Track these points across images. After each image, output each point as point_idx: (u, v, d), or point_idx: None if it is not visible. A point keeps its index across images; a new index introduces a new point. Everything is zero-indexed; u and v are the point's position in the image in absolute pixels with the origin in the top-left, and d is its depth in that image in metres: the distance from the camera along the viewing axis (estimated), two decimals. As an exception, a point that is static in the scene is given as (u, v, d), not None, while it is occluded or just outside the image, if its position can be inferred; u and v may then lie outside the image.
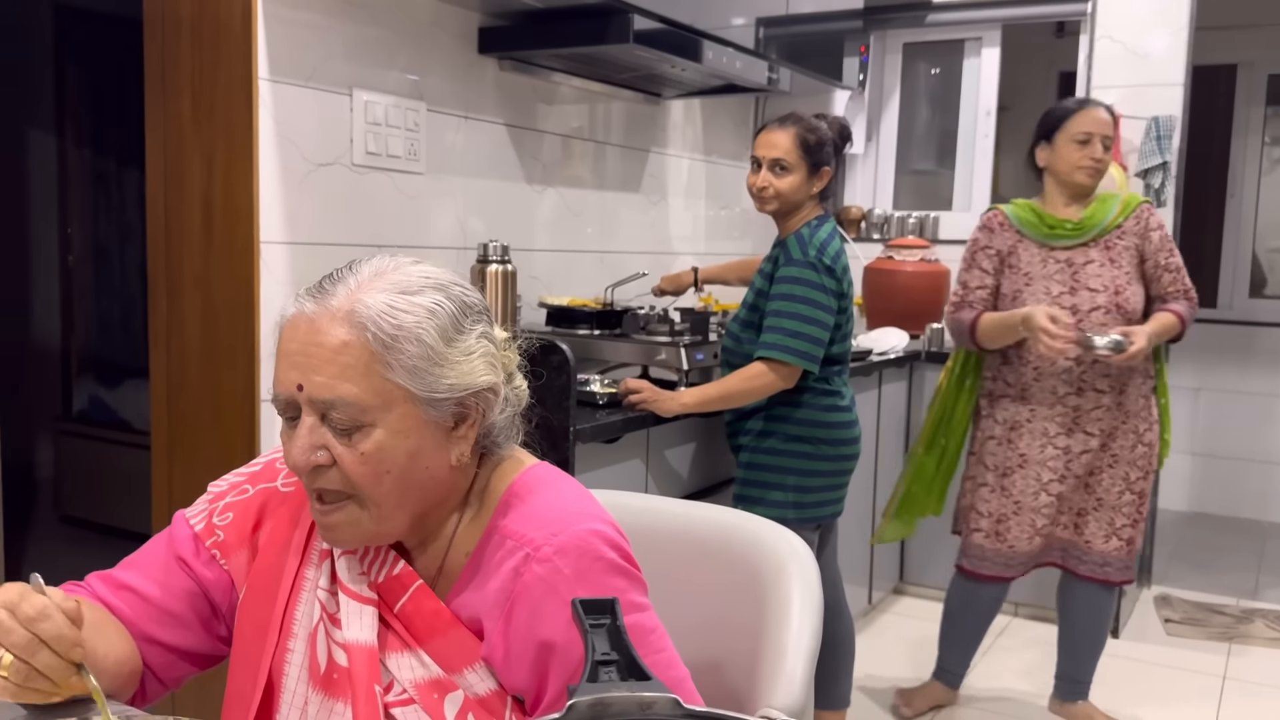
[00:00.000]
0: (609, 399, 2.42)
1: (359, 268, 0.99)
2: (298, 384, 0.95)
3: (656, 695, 0.55)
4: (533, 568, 0.98)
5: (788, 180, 2.46)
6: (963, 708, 3.07)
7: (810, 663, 1.16)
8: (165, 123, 2.31)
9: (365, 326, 0.94)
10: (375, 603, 1.03)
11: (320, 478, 0.97)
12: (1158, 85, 3.79)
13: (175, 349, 2.34)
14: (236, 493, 1.14)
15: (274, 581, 1.07)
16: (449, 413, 0.99)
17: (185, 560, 1.10)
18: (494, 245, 2.62)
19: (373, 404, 0.95)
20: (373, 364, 0.94)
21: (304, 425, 0.96)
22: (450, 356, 0.98)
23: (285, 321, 0.98)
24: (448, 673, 1.00)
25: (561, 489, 1.06)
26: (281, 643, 1.05)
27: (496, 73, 2.89)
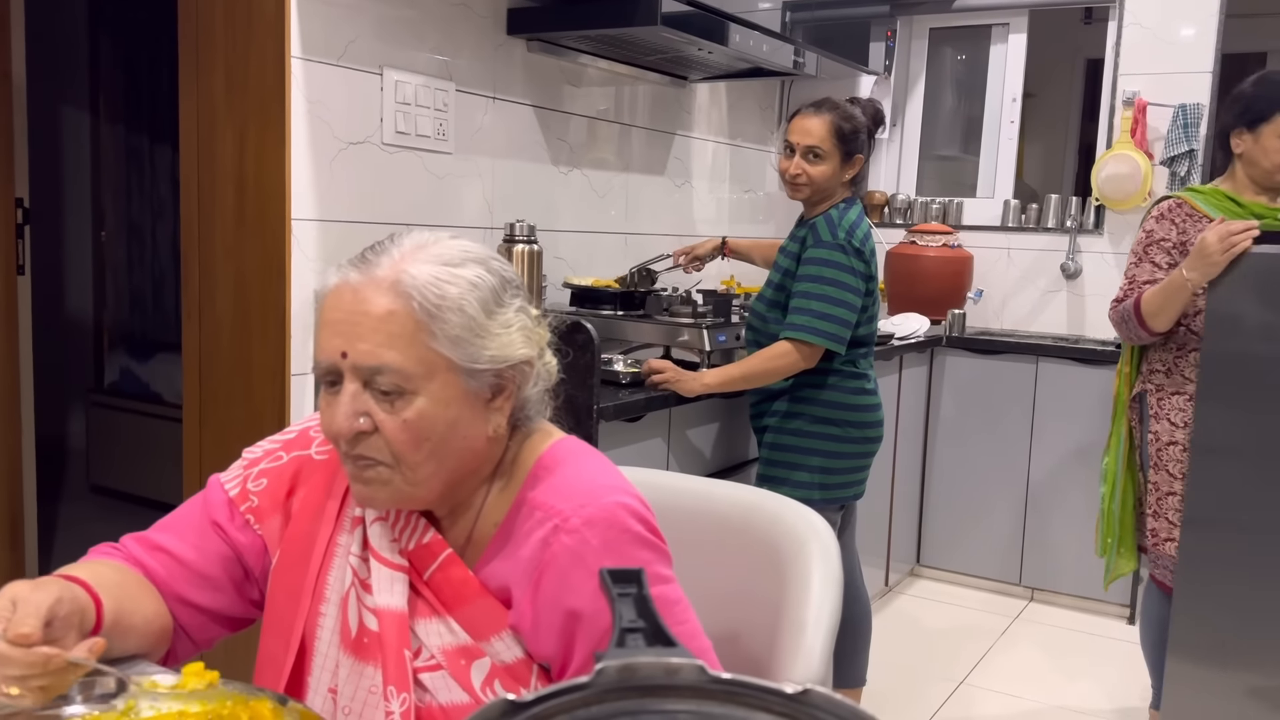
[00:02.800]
0: (632, 378, 2.44)
1: (400, 240, 1.01)
2: (342, 351, 0.97)
3: (683, 661, 0.57)
4: (561, 538, 0.99)
5: (821, 168, 2.46)
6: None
7: (829, 640, 1.18)
8: (198, 99, 2.35)
9: (411, 296, 0.96)
10: (406, 570, 1.05)
11: (360, 444, 0.98)
12: (1186, 73, 3.77)
13: (207, 322, 2.38)
14: (271, 459, 1.16)
15: (307, 547, 1.10)
16: (487, 384, 1.01)
17: (220, 524, 1.13)
18: (520, 225, 2.65)
19: (416, 372, 0.96)
20: (418, 333, 0.96)
21: (346, 392, 0.97)
22: (491, 328, 0.99)
23: (328, 291, 1.00)
24: (475, 640, 1.02)
25: (589, 462, 1.08)
26: (314, 607, 1.07)
27: (525, 54, 2.90)
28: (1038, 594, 3.83)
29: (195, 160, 2.37)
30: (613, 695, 0.57)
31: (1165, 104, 3.77)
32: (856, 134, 2.47)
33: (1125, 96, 3.84)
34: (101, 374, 4.87)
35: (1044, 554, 3.78)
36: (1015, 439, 3.78)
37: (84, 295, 5.28)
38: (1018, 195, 4.25)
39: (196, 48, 2.34)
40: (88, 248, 5.23)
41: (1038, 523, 3.78)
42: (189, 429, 2.44)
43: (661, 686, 0.58)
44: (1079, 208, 4.03)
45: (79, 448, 4.97)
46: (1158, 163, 3.81)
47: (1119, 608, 3.66)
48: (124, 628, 1.02)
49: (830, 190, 2.50)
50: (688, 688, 0.58)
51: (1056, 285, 4.09)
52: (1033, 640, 3.48)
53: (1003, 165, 4.29)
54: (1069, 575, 3.75)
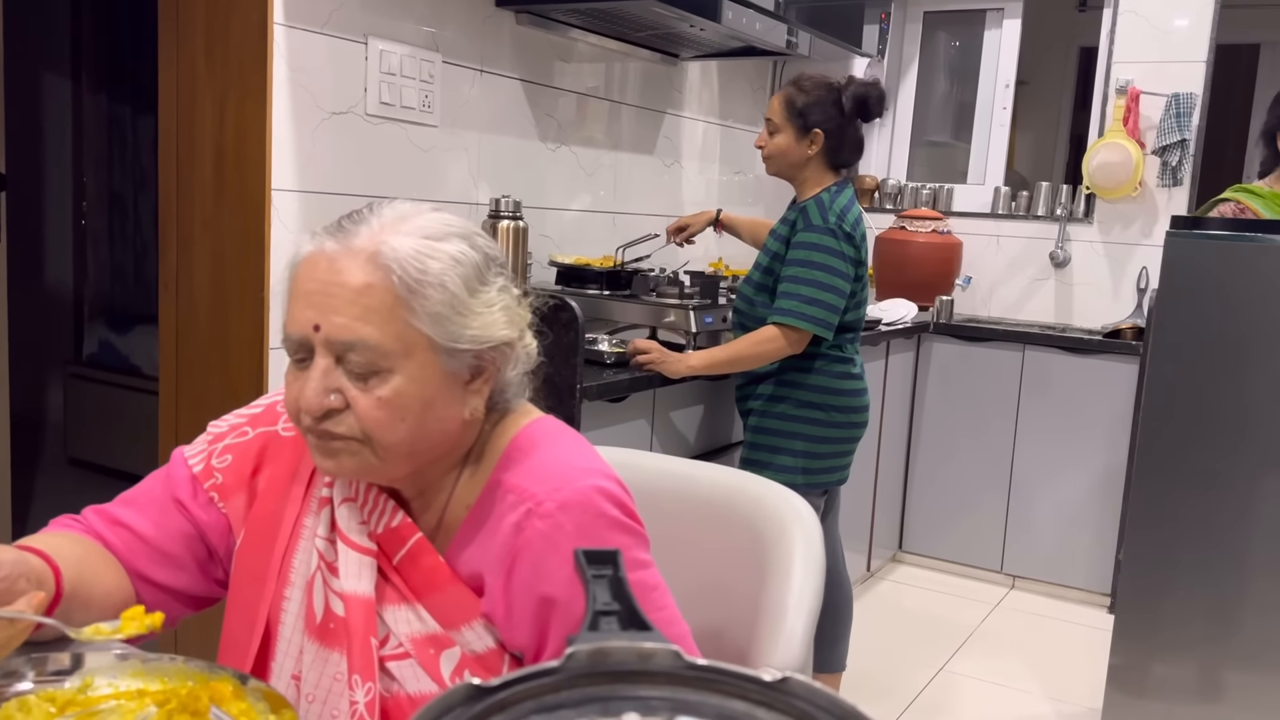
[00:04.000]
0: (616, 358, 2.42)
1: (380, 209, 0.96)
2: (314, 324, 0.92)
3: (657, 646, 0.55)
4: (535, 523, 0.96)
5: (777, 141, 2.48)
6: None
7: (810, 624, 1.16)
8: (178, 66, 2.30)
9: (391, 269, 0.91)
10: (374, 554, 1.01)
11: (330, 421, 0.94)
12: (1180, 62, 3.75)
13: (184, 294, 2.34)
14: (236, 434, 1.12)
15: (272, 528, 1.06)
16: (466, 365, 0.97)
17: (182, 502, 1.09)
18: (506, 201, 2.61)
19: (393, 349, 0.92)
20: (396, 308, 0.92)
21: (317, 367, 0.93)
22: (473, 307, 0.95)
23: (301, 259, 0.95)
24: (445, 629, 0.99)
25: (565, 444, 1.04)
26: (278, 590, 1.04)
27: (513, 27, 2.86)
28: (1019, 581, 3.83)
29: (174, 129, 2.32)
30: (583, 680, 0.55)
31: (1159, 93, 3.76)
32: (811, 107, 2.44)
33: (1118, 85, 3.82)
34: (80, 346, 4.82)
35: (1026, 541, 3.78)
36: (1000, 426, 3.78)
37: (64, 266, 5.22)
38: (1008, 183, 4.23)
39: (177, 13, 2.29)
40: (68, 218, 5.16)
41: (1020, 510, 3.78)
42: (165, 402, 2.40)
43: (634, 672, 0.56)
44: (1069, 196, 4.02)
45: (56, 420, 4.92)
46: (1149, 152, 3.80)
47: (1099, 596, 3.67)
48: (83, 599, 0.99)
49: (794, 164, 2.49)
50: (662, 673, 0.56)
51: (1045, 273, 4.08)
52: (1013, 627, 3.48)
53: (994, 152, 4.27)
54: (1050, 563, 3.75)
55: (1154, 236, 3.86)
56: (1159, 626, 2.41)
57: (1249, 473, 2.30)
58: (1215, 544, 2.34)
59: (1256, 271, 2.27)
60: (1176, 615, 2.39)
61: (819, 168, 2.49)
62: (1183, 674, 2.39)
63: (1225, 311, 2.30)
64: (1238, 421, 2.30)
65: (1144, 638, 2.43)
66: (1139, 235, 3.90)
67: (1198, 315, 2.32)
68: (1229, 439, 2.31)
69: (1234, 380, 2.30)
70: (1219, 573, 2.34)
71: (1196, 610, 2.37)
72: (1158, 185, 3.82)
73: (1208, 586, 2.35)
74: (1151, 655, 2.42)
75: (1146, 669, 2.43)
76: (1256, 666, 2.32)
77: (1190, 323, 2.33)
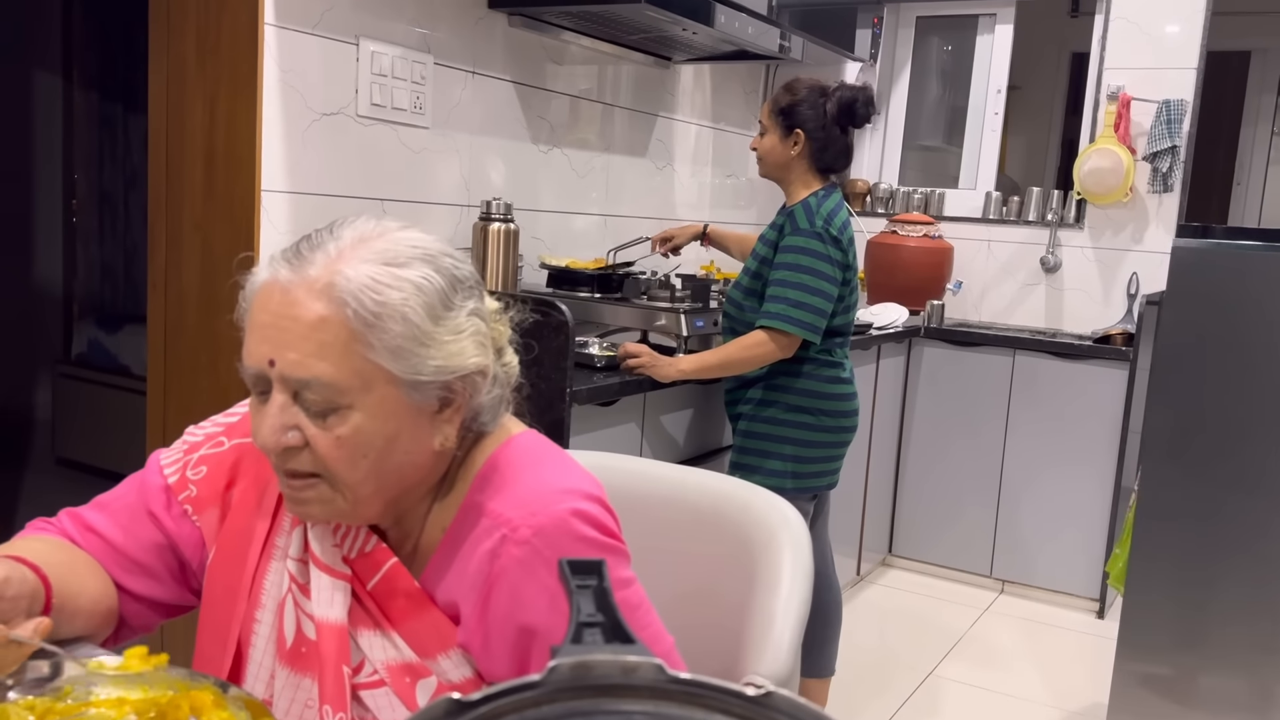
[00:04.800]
0: (607, 362, 2.41)
1: (340, 231, 0.91)
2: (269, 359, 0.88)
3: (641, 660, 0.54)
4: (510, 550, 0.92)
5: (764, 141, 2.51)
6: (945, 682, 3.09)
7: (798, 631, 1.16)
8: (169, 64, 2.29)
9: (345, 302, 0.86)
10: (348, 578, 0.97)
11: (291, 459, 0.90)
12: (1171, 69, 3.76)
13: (173, 295, 2.33)
14: (212, 444, 1.09)
15: (244, 545, 1.03)
16: (433, 396, 0.92)
17: (155, 514, 1.07)
18: (497, 203, 2.60)
19: (350, 385, 0.87)
20: (352, 343, 0.86)
21: (274, 404, 0.88)
22: (438, 336, 0.90)
23: (257, 289, 0.90)
24: (421, 657, 0.96)
25: (543, 463, 1.00)
26: (249, 611, 1.01)
27: (506, 29, 2.85)
28: (1009, 586, 3.84)
29: (164, 128, 2.31)
30: (566, 695, 0.54)
31: (1150, 99, 3.77)
32: (795, 108, 2.45)
33: (1110, 91, 3.83)
34: (69, 344, 4.79)
35: (1016, 546, 3.79)
36: (990, 431, 3.78)
37: (53, 264, 5.19)
38: (1000, 188, 4.24)
39: (168, 11, 2.28)
40: (58, 216, 5.13)
41: (1010, 515, 3.78)
42: (153, 403, 2.39)
43: (617, 686, 0.55)
44: (1060, 201, 4.02)
45: (45, 419, 4.90)
46: (1140, 158, 3.81)
47: (1089, 601, 3.68)
48: (71, 610, 0.97)
49: (779, 164, 2.50)
50: (645, 687, 0.55)
51: (1036, 278, 4.08)
52: (1003, 632, 3.49)
53: (985, 157, 4.28)
54: (1040, 568, 3.76)
55: (1145, 242, 3.88)
56: (1165, 632, 2.40)
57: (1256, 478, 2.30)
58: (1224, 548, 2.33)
59: (1264, 278, 2.28)
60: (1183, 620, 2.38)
61: (805, 171, 2.49)
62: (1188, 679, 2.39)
63: (1232, 317, 2.31)
64: (1243, 428, 2.30)
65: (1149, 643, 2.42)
66: (1129, 241, 3.91)
67: (1205, 321, 2.33)
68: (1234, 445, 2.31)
69: (1241, 385, 2.30)
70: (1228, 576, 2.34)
71: (1204, 615, 2.36)
72: (1148, 191, 3.83)
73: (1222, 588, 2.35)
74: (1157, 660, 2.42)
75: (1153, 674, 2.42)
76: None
77: (1197, 328, 2.33)
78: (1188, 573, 2.38)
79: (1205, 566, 2.36)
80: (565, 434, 2.11)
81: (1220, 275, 2.33)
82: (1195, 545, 2.37)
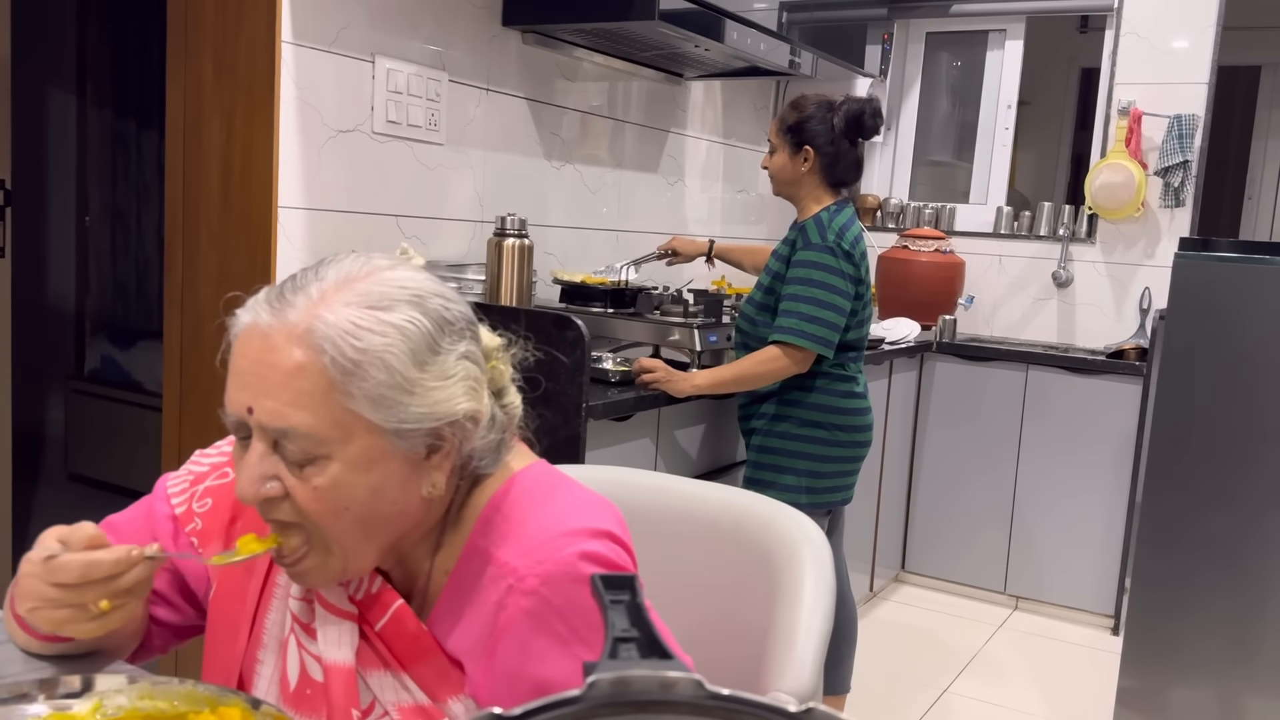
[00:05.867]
0: (621, 377, 2.41)
1: (324, 271, 0.87)
2: (248, 406, 0.85)
3: (680, 675, 0.54)
4: (517, 600, 0.88)
5: (774, 160, 2.51)
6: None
7: (821, 648, 1.15)
8: (186, 81, 2.30)
9: (323, 349, 0.83)
10: (355, 618, 0.94)
11: (273, 510, 0.87)
12: (1181, 83, 3.77)
13: (190, 311, 2.34)
14: (217, 475, 1.07)
15: (243, 582, 1.01)
16: (420, 443, 0.88)
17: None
18: (511, 219, 2.61)
19: (329, 435, 0.84)
20: (330, 391, 0.83)
21: (254, 452, 0.86)
22: (423, 382, 0.86)
23: (239, 332, 0.87)
24: (433, 701, 0.92)
25: (547, 502, 0.94)
26: (250, 650, 0.99)
27: (519, 46, 2.87)
28: (1022, 602, 3.82)
29: (181, 145, 2.33)
30: (605, 710, 0.54)
31: (1161, 114, 3.77)
32: (802, 125, 2.45)
33: (1120, 106, 3.83)
34: (82, 361, 4.81)
35: (1030, 562, 3.77)
36: (1003, 446, 3.77)
37: (66, 281, 5.22)
38: (1010, 202, 4.24)
39: (185, 30, 2.30)
40: (71, 233, 5.17)
41: (1024, 531, 3.77)
42: (169, 418, 2.40)
43: (657, 701, 0.55)
44: (1071, 216, 4.02)
45: (58, 435, 4.91)
46: (1152, 173, 3.81)
47: (1104, 618, 3.66)
48: None
49: (789, 181, 2.50)
50: (684, 703, 0.55)
51: (1047, 293, 4.08)
52: (1017, 649, 3.47)
53: (996, 172, 4.28)
54: (1054, 584, 3.74)
55: (1157, 257, 3.87)
56: (1170, 649, 2.40)
57: (1260, 493, 2.30)
58: (1227, 565, 2.33)
59: (1266, 292, 2.28)
60: (1188, 638, 2.38)
61: (816, 186, 2.49)
62: (1195, 697, 2.38)
63: (1235, 332, 2.31)
64: (1248, 442, 2.30)
65: (1155, 661, 2.42)
66: (1141, 256, 3.91)
67: (1207, 336, 2.33)
68: (1240, 459, 2.31)
69: (1244, 401, 2.30)
70: (1231, 594, 2.33)
71: (1209, 632, 2.36)
72: (1160, 206, 3.83)
73: (1220, 608, 2.34)
74: (1162, 678, 2.41)
75: (1157, 692, 2.42)
76: (1274, 690, 2.30)
77: (1200, 343, 2.33)
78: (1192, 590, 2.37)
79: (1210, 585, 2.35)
80: (581, 449, 2.11)
81: (1223, 289, 2.32)
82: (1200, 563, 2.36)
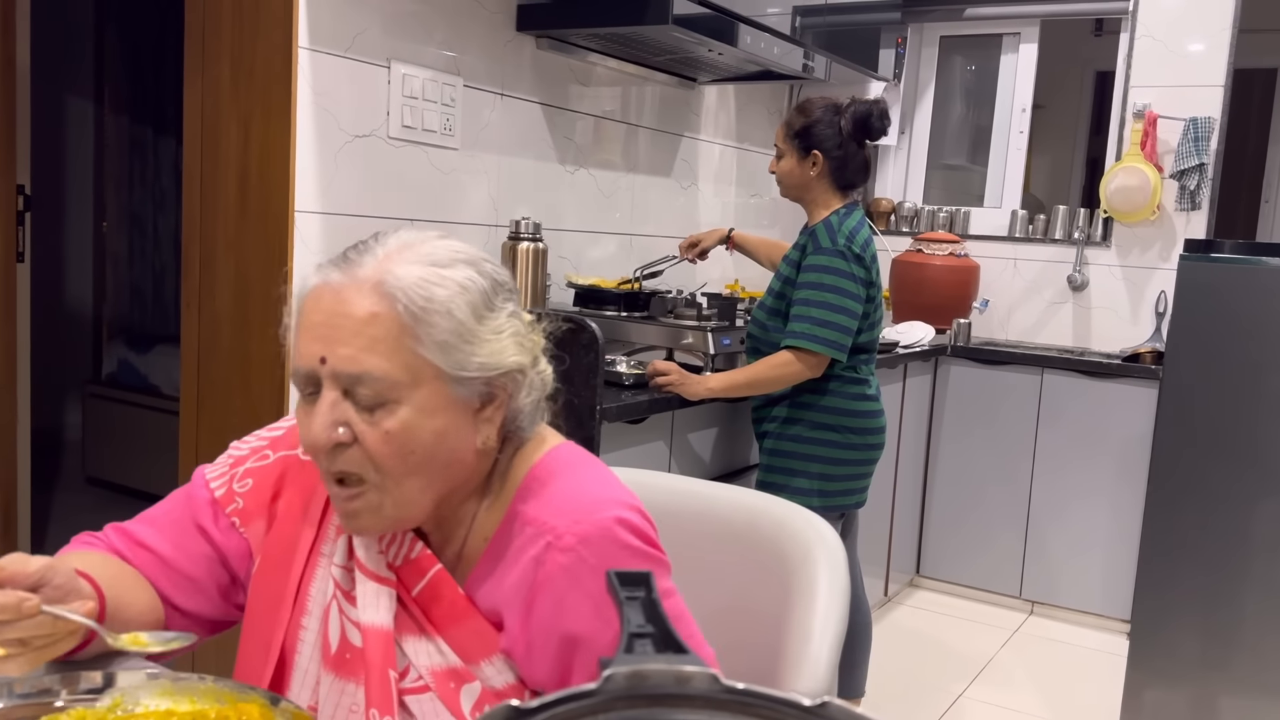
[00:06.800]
0: (635, 380, 2.42)
1: (385, 239, 0.95)
2: (321, 357, 0.90)
3: (695, 669, 0.54)
4: (555, 557, 0.94)
5: (782, 164, 2.51)
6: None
7: (836, 649, 1.15)
8: (203, 87, 2.32)
9: (395, 298, 0.90)
10: (393, 584, 0.99)
11: (340, 457, 0.92)
12: (1197, 86, 3.75)
13: (206, 315, 2.36)
14: (257, 458, 1.11)
15: (289, 553, 1.05)
16: (476, 393, 0.95)
17: (203, 526, 1.08)
18: (526, 223, 2.62)
19: (400, 379, 0.90)
20: (402, 337, 0.90)
21: (325, 400, 0.91)
22: (481, 334, 0.94)
23: (307, 292, 0.94)
24: (465, 663, 0.97)
25: (585, 472, 1.02)
26: (295, 618, 1.03)
27: (534, 51, 2.88)
28: (1038, 607, 3.80)
29: (199, 150, 2.34)
30: (621, 703, 0.55)
31: (1176, 117, 3.75)
32: (809, 129, 2.45)
33: (1136, 109, 3.82)
34: (100, 365, 4.85)
35: (1045, 567, 3.75)
36: (1018, 450, 3.76)
37: (84, 285, 5.26)
38: (1025, 206, 4.23)
39: (203, 36, 2.32)
40: (88, 238, 5.21)
41: (1039, 535, 3.75)
42: (186, 422, 2.41)
43: (672, 695, 0.56)
44: (1086, 220, 4.01)
45: (75, 439, 4.95)
46: (1168, 176, 3.79)
47: (1120, 622, 3.64)
48: (123, 620, 0.99)
49: (797, 186, 2.50)
50: (699, 697, 0.56)
51: (1063, 297, 4.06)
52: (1032, 654, 3.45)
53: (1010, 175, 4.27)
54: (1070, 588, 3.72)
55: (1172, 260, 3.85)
56: (1175, 653, 2.39)
57: (1265, 497, 2.28)
58: (1232, 569, 2.32)
59: (1271, 294, 2.27)
60: (1193, 641, 2.37)
61: (825, 190, 2.49)
62: (1200, 700, 2.36)
63: (1239, 335, 2.30)
64: (1253, 446, 2.29)
65: (1159, 664, 2.41)
66: (1157, 259, 3.89)
67: (1214, 338, 2.32)
68: (1244, 463, 2.30)
69: (1249, 404, 2.29)
70: (1237, 598, 2.32)
71: (1215, 636, 2.34)
72: (1176, 209, 3.82)
73: (1226, 612, 2.33)
74: (1168, 682, 2.40)
75: (1162, 696, 2.40)
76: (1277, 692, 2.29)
77: (1206, 346, 2.33)
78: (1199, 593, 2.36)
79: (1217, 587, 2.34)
80: (595, 451, 2.11)
81: (1230, 292, 2.31)
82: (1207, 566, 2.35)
